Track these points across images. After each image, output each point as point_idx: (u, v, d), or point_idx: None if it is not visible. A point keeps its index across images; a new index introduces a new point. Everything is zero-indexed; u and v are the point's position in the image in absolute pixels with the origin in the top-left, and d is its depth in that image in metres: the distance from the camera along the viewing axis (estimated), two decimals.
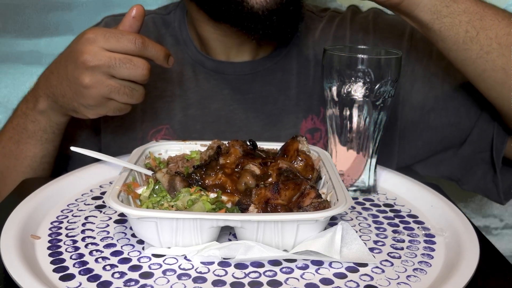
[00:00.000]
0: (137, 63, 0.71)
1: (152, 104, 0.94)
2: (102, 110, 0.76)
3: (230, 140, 0.67)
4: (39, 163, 0.86)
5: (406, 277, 0.51)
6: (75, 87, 0.73)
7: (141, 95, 0.76)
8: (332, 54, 0.67)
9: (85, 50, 0.71)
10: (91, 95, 0.72)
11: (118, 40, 0.71)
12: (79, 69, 0.72)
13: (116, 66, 0.70)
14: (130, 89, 0.73)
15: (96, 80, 0.71)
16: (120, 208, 0.52)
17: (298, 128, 0.94)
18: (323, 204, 0.54)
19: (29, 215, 0.60)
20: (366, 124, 0.69)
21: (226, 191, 0.60)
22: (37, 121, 0.83)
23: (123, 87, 0.73)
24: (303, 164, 0.64)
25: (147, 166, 0.69)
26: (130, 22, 0.74)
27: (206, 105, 0.95)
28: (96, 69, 0.71)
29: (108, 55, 0.71)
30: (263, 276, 0.51)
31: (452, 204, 0.66)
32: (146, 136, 0.94)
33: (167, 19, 1.00)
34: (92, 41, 0.71)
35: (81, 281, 0.49)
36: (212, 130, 0.94)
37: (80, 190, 0.70)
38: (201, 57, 0.96)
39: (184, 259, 0.53)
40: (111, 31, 0.72)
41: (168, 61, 0.77)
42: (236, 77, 0.95)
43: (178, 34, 0.97)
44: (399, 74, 0.67)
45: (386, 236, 0.60)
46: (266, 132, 0.94)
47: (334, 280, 0.50)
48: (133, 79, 0.73)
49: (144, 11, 0.76)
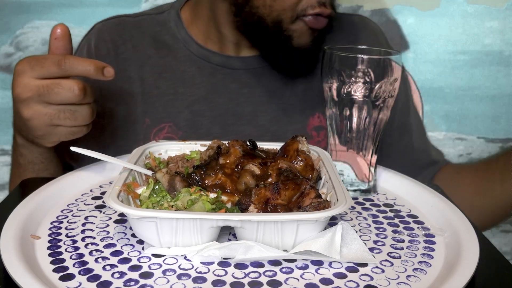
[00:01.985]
0: (65, 85, 0.68)
1: (153, 104, 0.95)
2: (53, 137, 0.73)
3: (230, 140, 0.67)
4: None
5: (406, 277, 0.51)
6: (21, 121, 0.73)
7: (87, 115, 0.72)
8: (332, 54, 0.67)
9: (17, 84, 0.70)
10: (35, 126, 0.71)
11: (42, 66, 0.69)
12: (16, 104, 0.71)
13: (45, 93, 0.68)
14: (70, 112, 0.70)
15: (33, 111, 0.70)
16: (120, 208, 0.52)
17: (305, 124, 0.95)
18: (323, 204, 0.54)
19: (29, 215, 0.60)
20: (366, 124, 0.69)
21: (226, 191, 0.60)
22: (23, 155, 0.83)
23: (62, 112, 0.70)
24: (303, 164, 0.63)
25: (147, 166, 0.69)
26: (55, 44, 0.72)
27: (213, 100, 0.95)
28: (29, 100, 0.69)
29: (37, 83, 0.69)
30: (263, 276, 0.51)
31: (452, 204, 0.66)
32: (148, 136, 0.94)
33: (161, 18, 1.00)
34: (21, 73, 0.70)
35: (81, 281, 0.49)
36: (219, 124, 0.94)
37: (80, 190, 0.69)
38: (206, 52, 0.97)
39: (184, 259, 0.53)
40: (35, 57, 0.70)
41: (104, 73, 0.71)
42: (244, 71, 0.96)
43: (176, 32, 0.98)
44: (399, 74, 0.67)
45: (386, 236, 0.60)
46: (273, 126, 0.95)
47: (334, 280, 0.50)
48: (67, 102, 0.69)
49: (67, 29, 0.73)
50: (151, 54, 0.97)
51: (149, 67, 0.97)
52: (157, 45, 0.98)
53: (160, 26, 0.99)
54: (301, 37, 0.87)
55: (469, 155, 1.27)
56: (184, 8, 1.00)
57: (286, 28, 0.86)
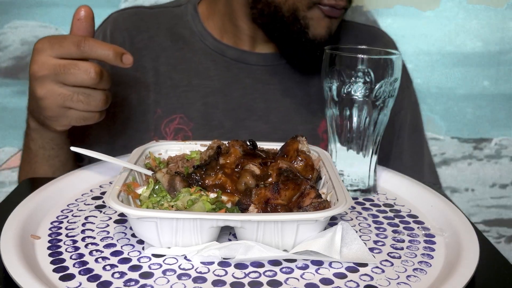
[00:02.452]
0: (82, 67, 0.68)
1: (166, 95, 0.94)
2: (64, 120, 0.73)
3: (230, 140, 0.67)
4: None
5: (406, 277, 0.51)
6: (34, 100, 0.72)
7: (101, 101, 0.71)
8: (332, 54, 0.67)
9: (34, 61, 0.70)
10: (47, 106, 0.70)
11: (61, 45, 0.68)
12: (32, 81, 0.71)
13: (61, 73, 0.68)
14: (84, 95, 0.70)
15: (47, 90, 0.69)
16: (120, 208, 0.52)
17: (317, 126, 0.95)
18: (323, 204, 0.54)
19: (29, 215, 0.60)
20: (366, 124, 0.69)
21: (226, 191, 0.60)
22: (34, 139, 0.82)
23: (76, 94, 0.69)
24: (303, 164, 0.64)
25: (147, 166, 0.69)
26: (77, 25, 0.72)
27: (227, 93, 0.96)
28: (44, 78, 0.69)
29: (54, 62, 0.68)
30: (263, 276, 0.51)
31: (452, 204, 0.66)
32: (159, 127, 0.93)
33: (178, 12, 1.01)
34: (40, 51, 0.69)
35: (81, 281, 0.49)
36: (232, 118, 0.95)
37: (80, 190, 0.70)
38: (222, 46, 0.97)
39: (184, 259, 0.53)
40: (56, 37, 0.70)
41: (123, 59, 0.70)
42: (258, 67, 0.97)
43: (192, 26, 0.98)
44: (399, 74, 0.67)
45: (386, 236, 0.60)
46: (285, 124, 0.95)
47: (334, 280, 0.50)
48: (82, 84, 0.69)
49: (91, 11, 0.72)
50: (166, 46, 0.97)
51: (164, 59, 0.96)
52: (173, 37, 0.98)
53: (177, 19, 0.99)
54: (317, 26, 0.87)
55: (442, 155, 1.28)
56: (201, 2, 1.01)
57: (303, 16, 0.86)
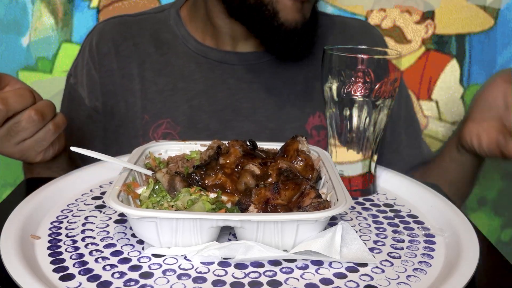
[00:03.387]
0: (24, 120, 0.70)
1: (152, 100, 0.95)
2: (30, 152, 0.76)
3: (230, 140, 0.67)
4: None
5: (406, 277, 0.51)
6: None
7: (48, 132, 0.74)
8: (332, 54, 0.67)
9: None
10: (4, 154, 0.75)
11: None
12: None
13: (13, 136, 0.71)
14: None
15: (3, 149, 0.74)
16: (120, 208, 0.52)
17: (304, 123, 0.95)
18: (323, 204, 0.54)
19: (29, 215, 0.60)
20: (366, 124, 0.69)
21: (226, 191, 0.60)
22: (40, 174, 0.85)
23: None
24: (303, 164, 0.64)
25: (147, 166, 0.69)
26: None
27: (212, 95, 0.96)
28: None
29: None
30: (263, 276, 0.51)
31: (452, 204, 0.66)
32: (147, 133, 0.94)
33: (161, 17, 1.02)
34: None
35: (81, 281, 0.49)
36: (218, 119, 0.95)
37: (80, 190, 0.69)
38: (205, 48, 0.98)
39: (184, 259, 0.53)
40: None
41: None
42: (241, 67, 0.97)
43: (175, 30, 0.99)
44: (399, 74, 0.67)
45: (386, 236, 0.60)
46: (272, 123, 0.95)
47: (334, 280, 0.50)
48: (35, 130, 0.72)
49: None
50: (151, 52, 0.98)
51: (149, 64, 0.97)
52: (157, 42, 0.99)
53: (161, 24, 1.00)
54: (286, 10, 0.85)
55: None
56: (183, 6, 1.02)
57: (268, 1, 0.85)
